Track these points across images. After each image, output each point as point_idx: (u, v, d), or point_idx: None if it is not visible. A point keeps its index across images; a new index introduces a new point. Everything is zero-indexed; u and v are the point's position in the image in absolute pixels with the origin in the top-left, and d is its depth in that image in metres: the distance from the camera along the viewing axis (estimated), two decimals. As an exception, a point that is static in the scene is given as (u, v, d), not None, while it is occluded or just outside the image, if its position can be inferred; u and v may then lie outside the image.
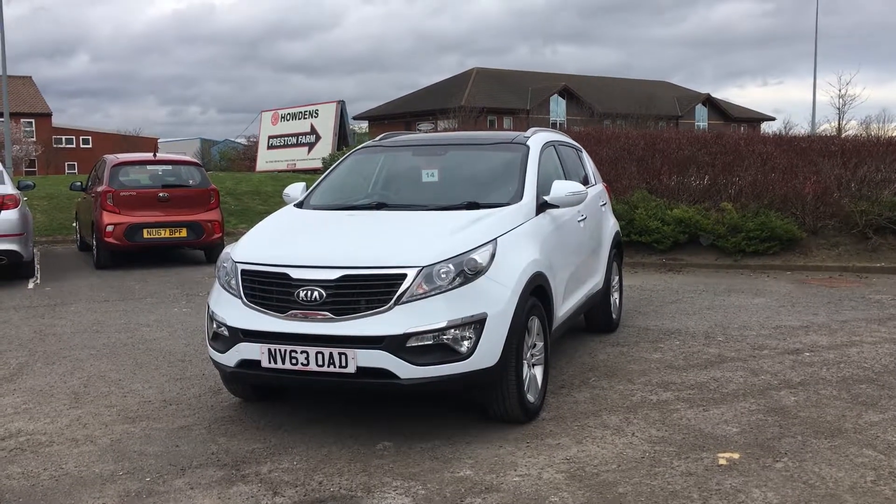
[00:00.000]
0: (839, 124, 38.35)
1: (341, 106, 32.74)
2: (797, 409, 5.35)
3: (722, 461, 4.47)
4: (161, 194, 12.84)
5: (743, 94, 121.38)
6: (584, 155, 7.88)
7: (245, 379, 5.10)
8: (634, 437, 4.86)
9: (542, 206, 5.74)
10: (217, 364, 5.09)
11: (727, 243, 12.08)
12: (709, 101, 62.47)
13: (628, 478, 4.26)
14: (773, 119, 63.06)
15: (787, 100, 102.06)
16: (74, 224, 16.23)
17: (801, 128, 42.44)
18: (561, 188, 5.82)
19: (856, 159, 13.01)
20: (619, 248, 8.10)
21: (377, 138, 7.00)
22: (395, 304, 4.57)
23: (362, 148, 6.88)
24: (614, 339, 7.43)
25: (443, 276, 4.66)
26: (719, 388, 5.86)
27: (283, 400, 5.65)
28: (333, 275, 4.66)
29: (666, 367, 6.47)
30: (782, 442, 4.75)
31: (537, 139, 6.40)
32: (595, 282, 7.05)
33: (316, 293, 4.63)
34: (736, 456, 4.54)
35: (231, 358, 4.87)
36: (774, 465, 4.39)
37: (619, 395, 5.72)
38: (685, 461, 4.48)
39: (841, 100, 40.64)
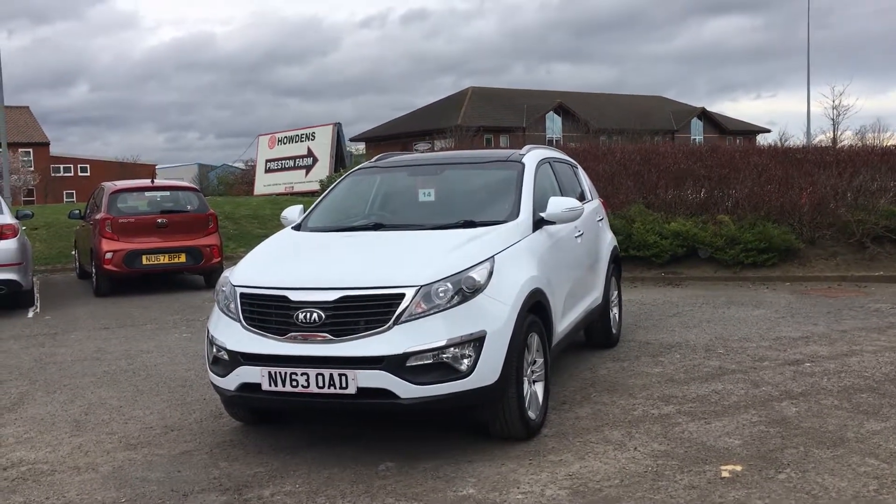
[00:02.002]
0: (834, 135, 38.48)
1: (338, 128, 32.86)
2: (799, 420, 5.35)
3: (725, 474, 4.46)
4: (159, 220, 12.88)
5: (737, 108, 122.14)
6: (580, 171, 7.92)
7: (246, 402, 5.10)
8: (637, 452, 4.85)
9: (538, 223, 5.76)
10: (217, 388, 5.09)
11: (725, 255, 12.10)
12: (704, 115, 62.72)
13: (631, 493, 4.25)
14: (768, 131, 63.35)
15: (781, 112, 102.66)
16: (73, 252, 16.25)
17: (797, 139, 42.60)
18: (557, 204, 5.84)
19: (851, 169, 13.07)
20: (618, 263, 8.11)
21: (373, 159, 7.04)
22: (395, 323, 4.57)
23: (359, 169, 6.92)
24: (615, 354, 7.42)
25: (441, 294, 4.67)
26: (721, 401, 5.85)
27: (284, 423, 5.64)
28: (332, 296, 4.67)
29: (667, 380, 6.46)
30: (785, 453, 4.74)
31: (532, 156, 6.43)
32: (594, 297, 7.06)
33: (315, 315, 4.64)
34: (739, 468, 4.53)
35: (231, 382, 4.87)
36: (777, 477, 4.39)
37: (620, 409, 5.72)
38: (688, 474, 4.47)
39: (835, 110, 40.78)
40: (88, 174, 61.73)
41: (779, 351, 7.36)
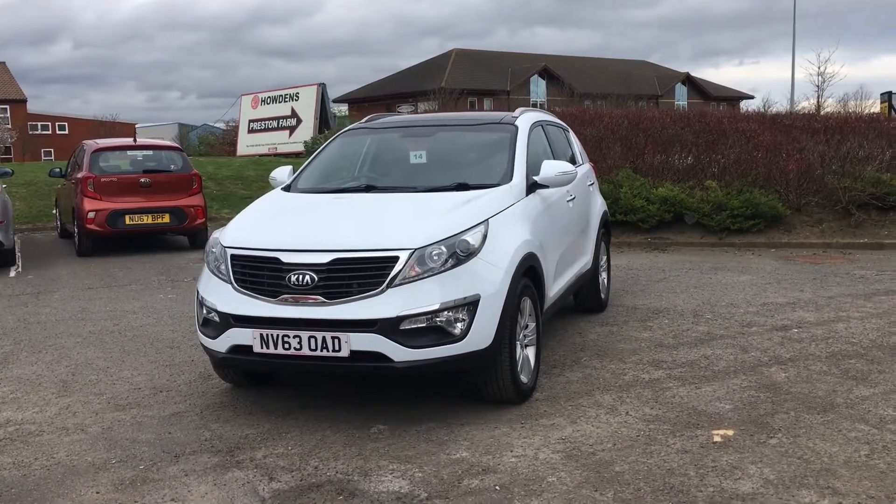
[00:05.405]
0: (818, 102, 38.52)
1: (322, 89, 32.46)
2: (788, 385, 5.38)
3: (717, 438, 4.48)
4: (143, 180, 12.70)
5: (719, 74, 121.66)
6: (571, 135, 7.85)
7: (237, 364, 5.04)
8: (628, 416, 4.86)
9: (531, 187, 5.71)
10: (208, 350, 5.04)
11: (712, 221, 12.12)
12: (688, 80, 62.52)
13: (624, 456, 4.27)
14: (752, 97, 63.19)
15: (763, 78, 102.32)
16: (55, 211, 16.04)
17: (781, 105, 42.69)
18: (551, 168, 5.79)
19: (839, 136, 13.08)
20: (607, 228, 8.09)
21: (364, 120, 6.94)
22: (388, 286, 4.53)
23: (349, 130, 6.82)
24: (603, 319, 7.43)
25: (435, 257, 4.62)
26: (710, 366, 5.88)
27: (274, 385, 5.61)
28: (325, 258, 4.61)
29: (656, 345, 6.48)
30: (775, 418, 4.77)
31: (525, 119, 6.36)
32: (584, 261, 7.05)
33: (308, 277, 4.58)
34: (730, 433, 4.56)
35: (222, 343, 4.82)
36: (769, 441, 4.41)
37: (610, 374, 5.73)
38: (680, 439, 4.49)
39: (820, 77, 40.75)
40: (67, 132, 60.76)
41: (766, 317, 7.39)
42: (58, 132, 61.67)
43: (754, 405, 5.01)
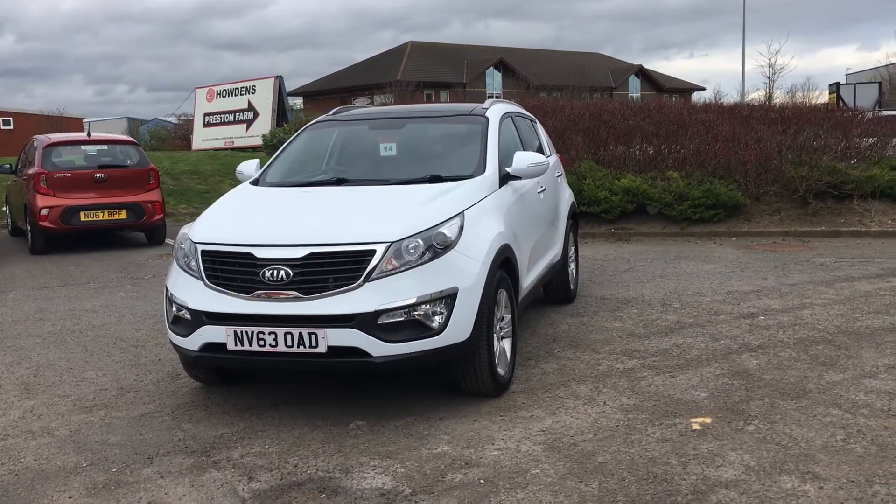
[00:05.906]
0: (769, 93, 39.21)
1: (279, 81, 32.01)
2: (760, 372, 5.43)
3: (695, 426, 4.51)
4: (98, 175, 12.40)
5: (670, 66, 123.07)
6: (539, 126, 7.84)
7: (210, 363, 4.93)
8: (606, 406, 4.87)
9: (504, 178, 5.67)
10: (179, 348, 4.92)
11: (674, 211, 12.23)
12: (641, 73, 63.15)
13: (606, 447, 4.27)
14: (703, 89, 63.98)
15: (713, 70, 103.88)
16: (5, 208, 15.59)
17: (731, 97, 43.39)
18: (523, 159, 5.76)
19: (795, 126, 13.28)
20: (575, 219, 8.11)
21: (331, 112, 6.83)
22: (365, 280, 4.46)
23: (316, 123, 6.71)
24: (573, 310, 7.44)
25: (412, 251, 4.57)
26: (682, 354, 5.91)
27: (247, 383, 5.50)
28: (300, 253, 4.52)
29: (627, 335, 6.51)
30: (751, 405, 4.81)
31: (496, 110, 6.32)
32: (554, 253, 7.05)
33: (282, 272, 4.50)
34: (708, 420, 4.58)
35: (194, 342, 4.71)
36: (746, 428, 4.45)
37: (585, 364, 5.73)
38: (659, 428, 4.50)
39: (771, 69, 41.54)
40: (12, 127, 59.14)
41: (733, 305, 7.47)
42: (2, 127, 60.10)
43: (729, 392, 5.05)
